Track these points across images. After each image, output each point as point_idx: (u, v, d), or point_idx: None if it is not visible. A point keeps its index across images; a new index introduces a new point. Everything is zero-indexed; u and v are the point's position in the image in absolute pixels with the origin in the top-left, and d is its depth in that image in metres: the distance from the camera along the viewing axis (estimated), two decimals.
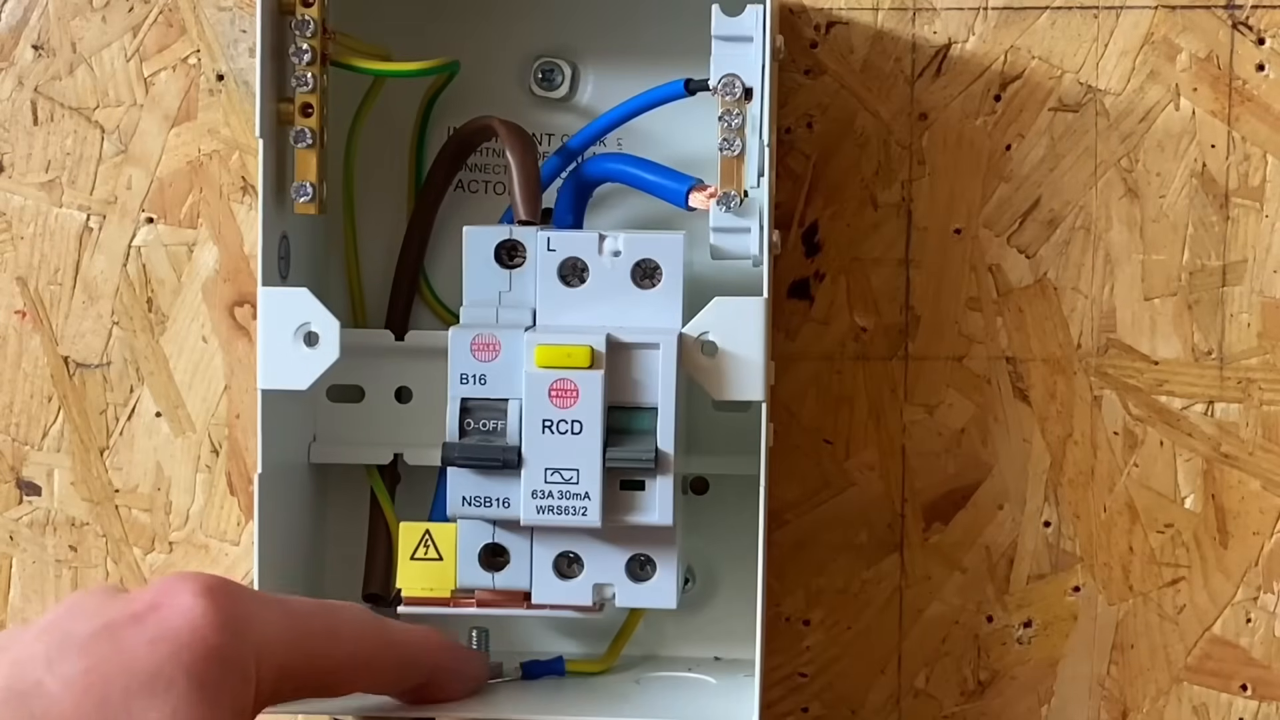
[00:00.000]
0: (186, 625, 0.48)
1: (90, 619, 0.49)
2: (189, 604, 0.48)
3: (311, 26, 0.58)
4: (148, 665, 0.47)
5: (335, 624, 0.53)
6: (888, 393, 0.64)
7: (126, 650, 0.47)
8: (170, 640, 0.48)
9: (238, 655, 0.49)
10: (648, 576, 0.59)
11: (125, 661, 0.47)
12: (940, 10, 0.63)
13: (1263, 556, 0.64)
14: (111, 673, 0.47)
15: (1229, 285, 0.63)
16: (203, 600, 0.49)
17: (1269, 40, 0.63)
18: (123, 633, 0.48)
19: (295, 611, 0.52)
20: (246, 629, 0.49)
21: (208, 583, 0.49)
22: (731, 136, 0.57)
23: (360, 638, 0.53)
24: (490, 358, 0.57)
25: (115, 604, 0.49)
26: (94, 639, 0.48)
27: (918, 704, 0.65)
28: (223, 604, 0.49)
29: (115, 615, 0.49)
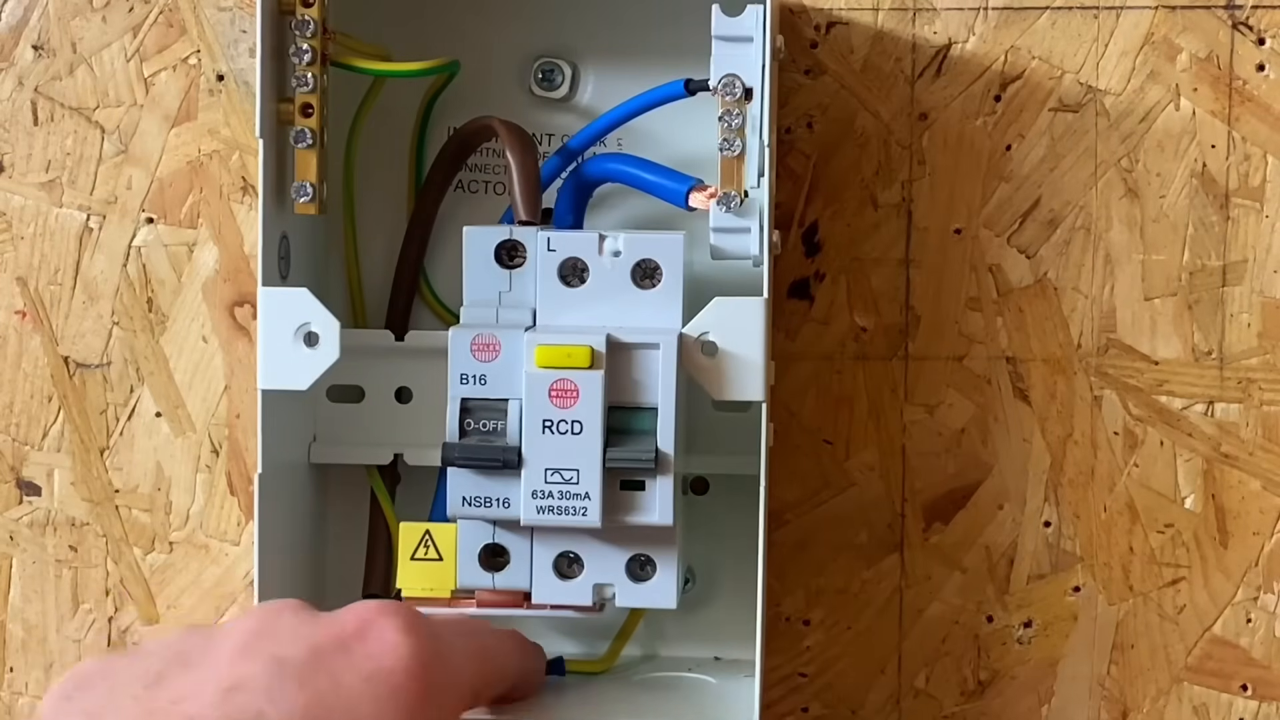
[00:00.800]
0: (399, 666, 0.49)
1: (295, 642, 0.49)
2: (396, 641, 0.49)
3: (311, 26, 0.58)
4: (363, 706, 0.48)
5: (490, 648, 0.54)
6: (888, 393, 0.64)
7: (342, 687, 0.48)
8: (384, 681, 0.48)
9: (441, 696, 0.50)
10: (648, 576, 0.59)
11: (342, 700, 0.48)
12: (940, 10, 0.63)
13: (1263, 556, 0.64)
14: (331, 709, 0.47)
15: (1229, 285, 0.63)
16: (409, 639, 0.49)
17: (1269, 40, 0.63)
18: (334, 664, 0.48)
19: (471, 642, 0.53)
20: (445, 668, 0.50)
21: (409, 619, 0.50)
22: (731, 136, 0.57)
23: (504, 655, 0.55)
24: (490, 358, 0.57)
25: (317, 627, 0.50)
26: (309, 669, 0.48)
27: (918, 704, 0.65)
28: (425, 643, 0.50)
29: (321, 640, 0.49)
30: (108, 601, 0.66)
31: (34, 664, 0.67)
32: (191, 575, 0.66)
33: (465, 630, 0.53)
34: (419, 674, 0.49)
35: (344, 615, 0.50)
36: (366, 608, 0.50)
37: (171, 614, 0.66)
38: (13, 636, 0.67)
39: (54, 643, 0.67)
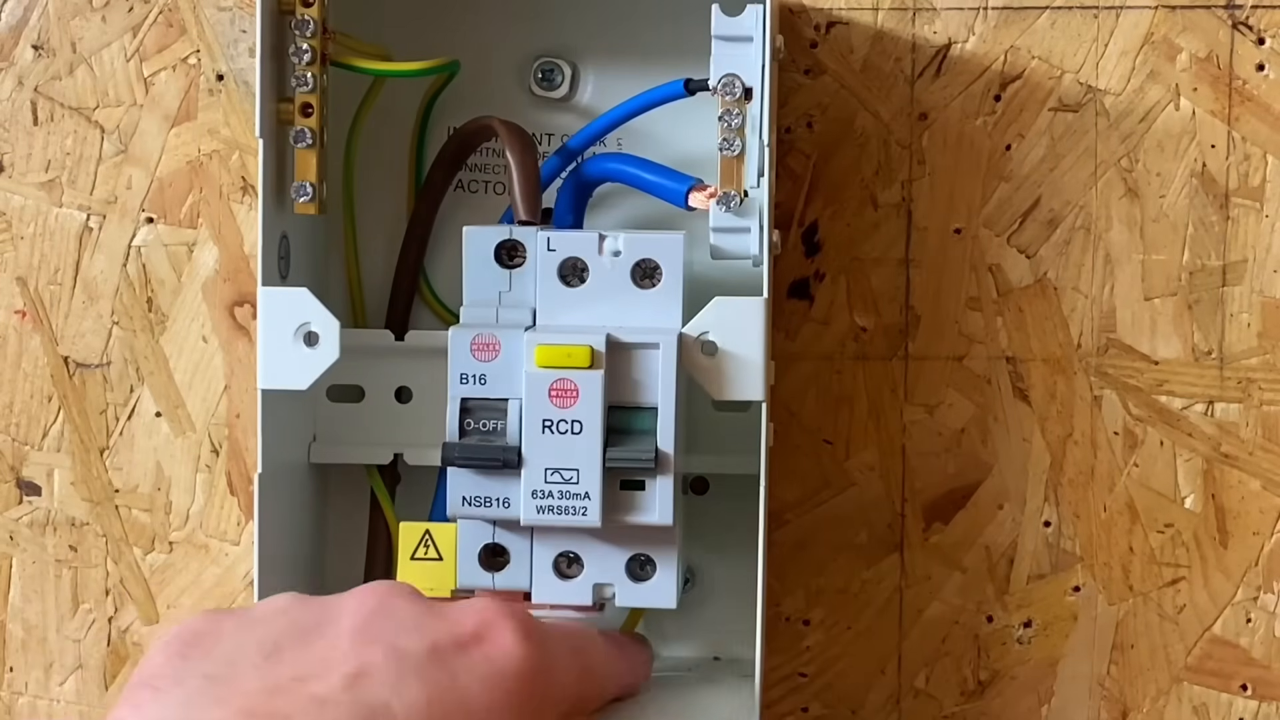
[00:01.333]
0: (514, 670, 0.49)
1: (414, 634, 0.49)
2: (513, 645, 0.50)
3: (311, 26, 0.58)
4: (482, 707, 0.48)
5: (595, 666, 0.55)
6: (888, 393, 0.64)
7: (461, 686, 0.48)
8: (501, 686, 0.49)
9: (547, 705, 0.50)
10: (648, 576, 0.59)
11: (461, 699, 0.48)
12: (940, 10, 0.63)
13: (1263, 556, 0.64)
14: (450, 709, 0.48)
15: (1229, 285, 0.63)
16: (526, 644, 0.50)
17: (1269, 40, 0.63)
18: (454, 663, 0.49)
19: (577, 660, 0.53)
20: (555, 674, 0.51)
21: (526, 624, 0.50)
22: (731, 136, 0.57)
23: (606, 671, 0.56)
24: (490, 358, 0.57)
25: (435, 623, 0.50)
26: (429, 665, 0.48)
27: (918, 704, 0.65)
28: (539, 650, 0.50)
29: (440, 638, 0.49)
30: (108, 601, 0.66)
31: (34, 664, 0.67)
32: (191, 575, 0.66)
33: (574, 644, 0.54)
34: (531, 680, 0.49)
35: (462, 613, 0.50)
36: (486, 607, 0.51)
37: (171, 614, 0.66)
38: (13, 636, 0.67)
39: (54, 643, 0.67)
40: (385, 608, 0.50)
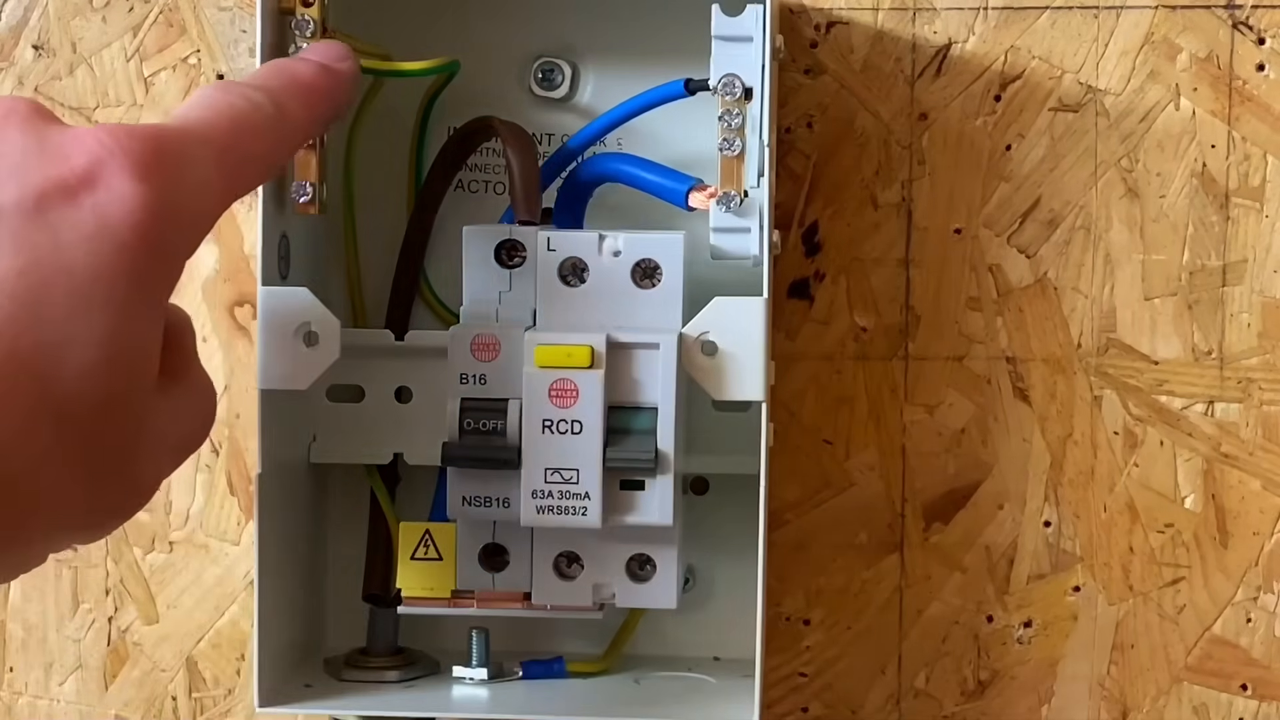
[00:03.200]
0: (128, 220, 0.43)
1: (15, 180, 0.43)
2: (128, 190, 0.44)
3: (311, 26, 0.57)
4: (87, 270, 0.43)
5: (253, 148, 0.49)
6: (888, 393, 0.64)
7: (64, 245, 0.43)
8: (111, 239, 0.43)
9: (178, 243, 0.45)
10: (648, 576, 0.59)
11: (63, 262, 0.43)
12: (940, 10, 0.63)
13: (1263, 556, 0.64)
14: (49, 276, 0.42)
15: (1229, 285, 0.63)
16: (144, 187, 0.44)
17: (1269, 40, 0.63)
18: (56, 215, 0.43)
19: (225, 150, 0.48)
20: (183, 211, 0.45)
21: (146, 158, 0.44)
22: (731, 136, 0.57)
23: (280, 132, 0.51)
24: (490, 358, 0.57)
25: (42, 164, 0.44)
26: (28, 224, 0.43)
27: (918, 704, 0.65)
28: (159, 189, 0.44)
29: (43, 182, 0.43)
30: (108, 601, 0.66)
31: (34, 664, 0.67)
32: (191, 575, 0.66)
33: (220, 143, 0.48)
34: (148, 230, 0.44)
35: (72, 145, 0.44)
36: (101, 141, 0.44)
37: (171, 614, 0.66)
38: (13, 636, 0.67)
39: (54, 642, 0.67)
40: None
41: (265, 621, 0.58)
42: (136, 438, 0.45)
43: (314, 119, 0.54)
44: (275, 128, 0.51)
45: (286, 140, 0.52)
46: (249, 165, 0.49)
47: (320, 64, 0.55)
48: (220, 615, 0.66)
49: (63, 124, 0.45)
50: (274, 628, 0.59)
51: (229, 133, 0.48)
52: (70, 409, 0.43)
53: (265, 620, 0.58)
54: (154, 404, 0.45)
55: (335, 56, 0.55)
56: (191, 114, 0.49)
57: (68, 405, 0.43)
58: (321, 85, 0.54)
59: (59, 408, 0.42)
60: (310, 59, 0.55)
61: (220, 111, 0.49)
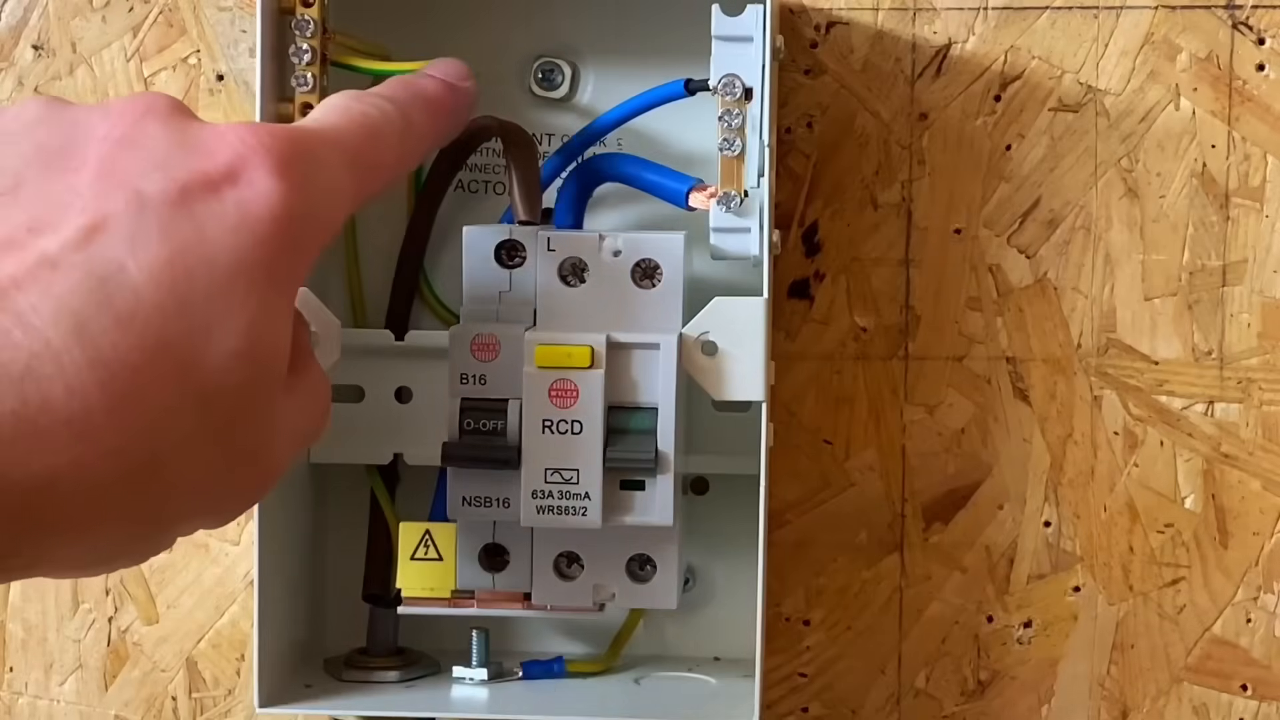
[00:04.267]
0: (268, 214, 0.45)
1: (161, 174, 0.45)
2: (269, 186, 0.45)
3: (311, 26, 0.57)
4: (230, 261, 0.44)
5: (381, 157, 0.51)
6: (888, 393, 0.64)
7: (208, 238, 0.44)
8: (251, 232, 0.45)
9: (312, 240, 0.47)
10: (648, 576, 0.59)
11: (207, 253, 0.44)
12: (940, 10, 0.63)
13: (1263, 556, 0.64)
14: (194, 266, 0.44)
15: (1229, 285, 0.63)
16: (283, 184, 0.45)
17: (1269, 40, 0.63)
18: (201, 209, 0.44)
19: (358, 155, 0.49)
20: (319, 209, 0.47)
21: (285, 156, 0.46)
22: (731, 136, 0.57)
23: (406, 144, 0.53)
24: (490, 358, 0.57)
25: (186, 158, 0.45)
26: (174, 214, 0.44)
27: (918, 704, 0.65)
28: (299, 186, 0.46)
29: (190, 178, 0.45)
30: (108, 601, 0.66)
31: (34, 664, 0.67)
32: (192, 575, 0.66)
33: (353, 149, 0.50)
34: (286, 224, 0.45)
35: (217, 144, 0.46)
36: (242, 138, 0.46)
37: (171, 614, 0.66)
38: (13, 636, 0.67)
39: (54, 643, 0.67)
40: (136, 135, 0.45)
41: (265, 621, 0.58)
42: (270, 425, 0.46)
43: (437, 132, 0.55)
44: (403, 137, 0.52)
45: (412, 150, 0.54)
46: (377, 171, 0.51)
47: (444, 81, 0.56)
48: (220, 615, 0.66)
49: (201, 120, 0.47)
50: (274, 628, 0.59)
51: (361, 139, 0.50)
52: (212, 395, 0.44)
53: (265, 620, 0.58)
54: (283, 394, 0.47)
55: (458, 75, 0.57)
56: (326, 119, 0.50)
57: (209, 391, 0.44)
58: (445, 101, 0.56)
59: (201, 393, 0.44)
60: (435, 75, 0.56)
61: (353, 118, 0.51)
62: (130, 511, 0.43)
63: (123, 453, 0.42)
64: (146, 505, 0.44)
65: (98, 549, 0.44)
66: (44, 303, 0.42)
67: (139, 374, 0.42)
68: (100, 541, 0.44)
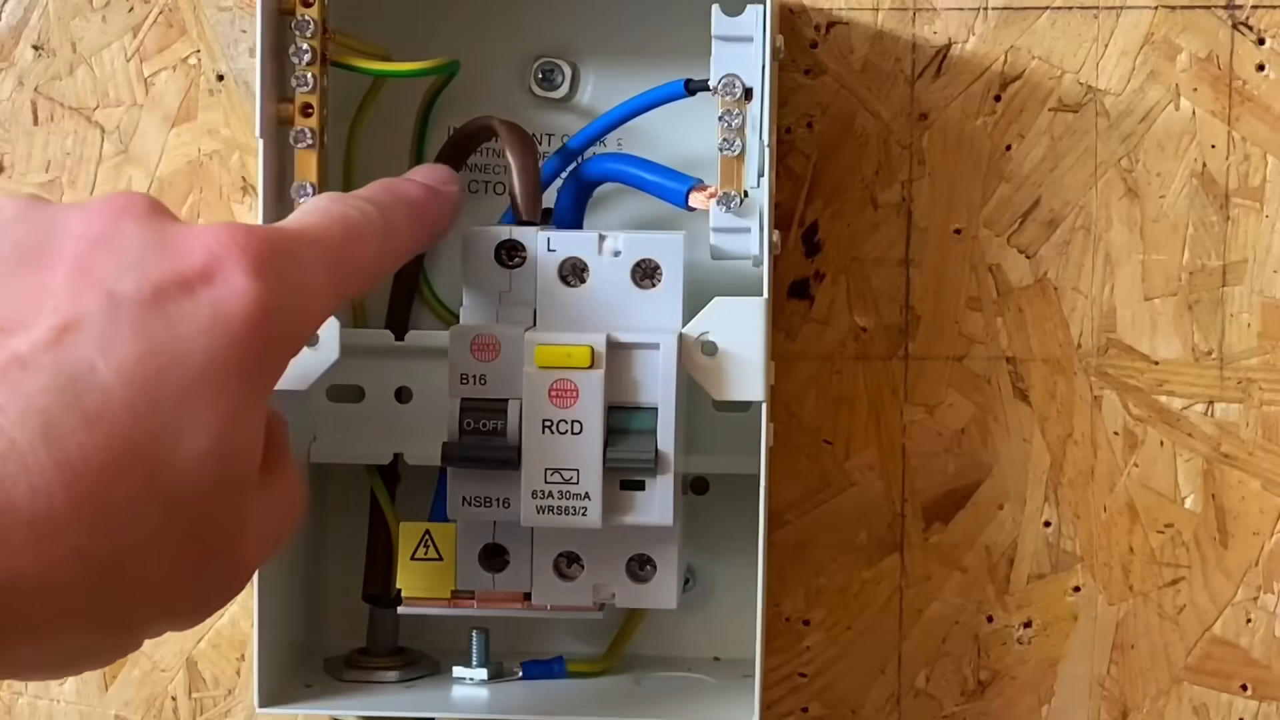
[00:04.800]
0: (241, 314, 0.45)
1: (136, 273, 0.44)
2: (243, 286, 0.45)
3: (311, 26, 0.58)
4: (202, 360, 0.44)
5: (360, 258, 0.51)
6: (888, 393, 0.64)
7: (180, 337, 0.44)
8: (225, 332, 0.44)
9: (287, 340, 0.47)
10: (648, 576, 0.59)
11: (179, 352, 0.44)
12: (940, 10, 0.63)
13: (1263, 556, 0.64)
14: (165, 365, 0.43)
15: (1229, 285, 0.63)
16: (259, 284, 0.45)
17: (1269, 40, 0.63)
18: (173, 307, 0.44)
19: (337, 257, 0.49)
20: (295, 310, 0.47)
21: (262, 257, 0.46)
22: (731, 136, 0.57)
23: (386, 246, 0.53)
24: (490, 358, 0.57)
25: (161, 258, 0.45)
26: (146, 313, 0.44)
27: (918, 704, 0.65)
28: (274, 286, 0.45)
29: (165, 278, 0.44)
30: None
31: None
32: None
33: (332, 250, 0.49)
34: (262, 324, 0.45)
35: (193, 243, 0.45)
36: (218, 238, 0.45)
37: None
38: None
39: None
40: (112, 234, 0.45)
41: (265, 621, 0.58)
42: (239, 525, 0.46)
43: (419, 235, 0.56)
44: (383, 240, 0.53)
45: (392, 253, 0.54)
46: (357, 272, 0.51)
47: (427, 185, 0.57)
48: (220, 615, 0.66)
49: (179, 220, 0.47)
50: (274, 628, 0.59)
51: (340, 240, 0.50)
52: (179, 495, 0.44)
53: (265, 620, 0.58)
54: (255, 494, 0.46)
55: (441, 179, 0.57)
56: (306, 219, 0.50)
57: (177, 491, 0.44)
58: (428, 204, 0.56)
59: (169, 493, 0.43)
60: (418, 180, 0.57)
61: (334, 219, 0.51)
62: (95, 613, 0.43)
63: (87, 553, 0.42)
64: (111, 607, 0.43)
65: (61, 652, 0.44)
66: (12, 402, 0.42)
67: (105, 473, 0.42)
68: (64, 644, 0.43)
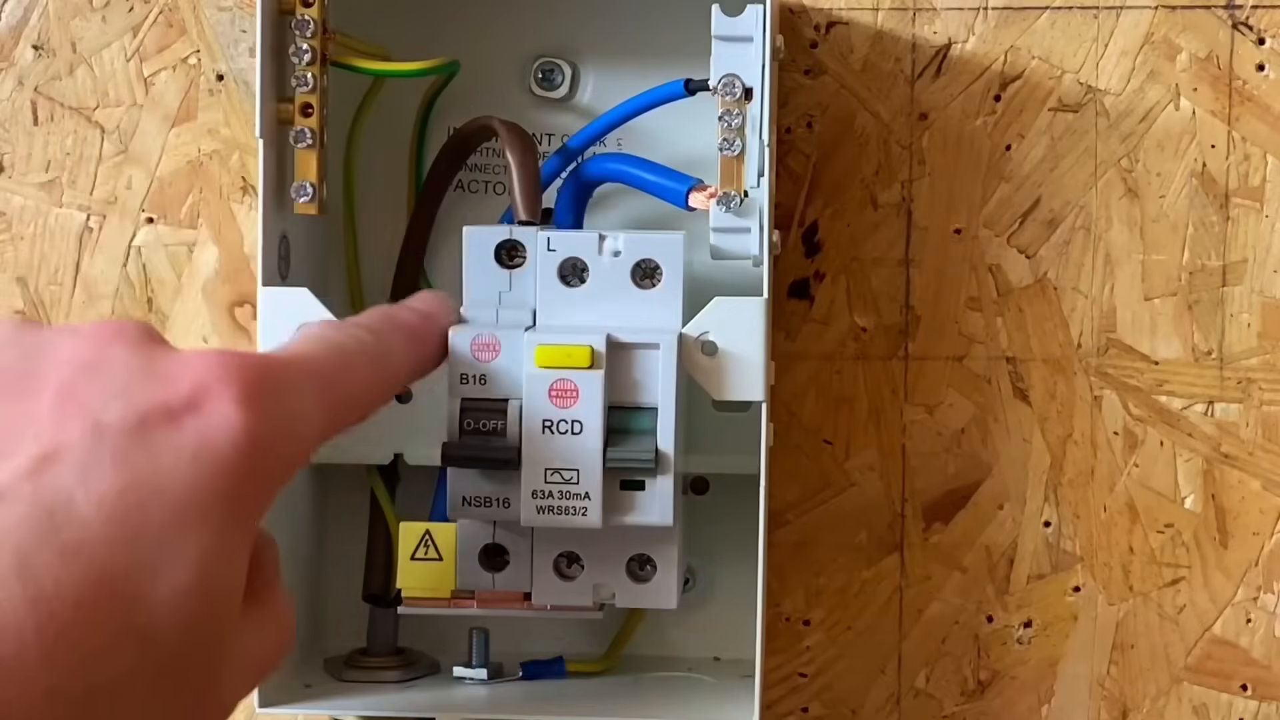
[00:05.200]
0: (229, 444, 0.44)
1: (121, 402, 0.43)
2: (231, 416, 0.44)
3: (311, 26, 0.58)
4: (184, 493, 0.43)
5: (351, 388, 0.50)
6: (888, 393, 0.64)
7: (164, 468, 0.43)
8: (210, 463, 0.43)
9: (275, 470, 0.46)
10: (648, 576, 0.59)
11: (161, 484, 0.43)
12: (940, 10, 0.63)
13: (1263, 556, 0.64)
14: (146, 497, 0.42)
15: (1229, 285, 0.63)
16: (246, 414, 0.44)
17: (1269, 40, 0.63)
18: (157, 437, 0.43)
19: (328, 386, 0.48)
20: (284, 441, 0.46)
21: (251, 386, 0.44)
22: (731, 136, 0.57)
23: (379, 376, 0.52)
24: (490, 358, 0.57)
25: (148, 386, 0.44)
26: (129, 443, 0.43)
27: (918, 704, 0.65)
28: (263, 416, 0.44)
29: (147, 404, 0.43)
30: None
31: None
32: None
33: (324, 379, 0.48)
34: (249, 456, 0.44)
35: (182, 371, 0.44)
36: (208, 366, 0.44)
37: None
38: None
39: None
40: (100, 362, 0.44)
41: None
42: (219, 660, 0.45)
43: (415, 364, 0.55)
44: (378, 368, 0.52)
45: (387, 381, 0.53)
46: (350, 401, 0.50)
47: (424, 312, 0.56)
48: None
49: (170, 346, 0.46)
50: None
51: (334, 368, 0.49)
52: (156, 631, 0.43)
53: None
54: (237, 626, 0.45)
55: (439, 308, 0.57)
56: (299, 347, 0.50)
57: (153, 627, 0.43)
58: (425, 333, 0.55)
59: (145, 630, 0.42)
60: (415, 308, 0.56)
61: (328, 347, 0.50)
62: None
63: (58, 692, 0.41)
64: None
65: None
66: None
67: (80, 610, 0.41)
68: None
